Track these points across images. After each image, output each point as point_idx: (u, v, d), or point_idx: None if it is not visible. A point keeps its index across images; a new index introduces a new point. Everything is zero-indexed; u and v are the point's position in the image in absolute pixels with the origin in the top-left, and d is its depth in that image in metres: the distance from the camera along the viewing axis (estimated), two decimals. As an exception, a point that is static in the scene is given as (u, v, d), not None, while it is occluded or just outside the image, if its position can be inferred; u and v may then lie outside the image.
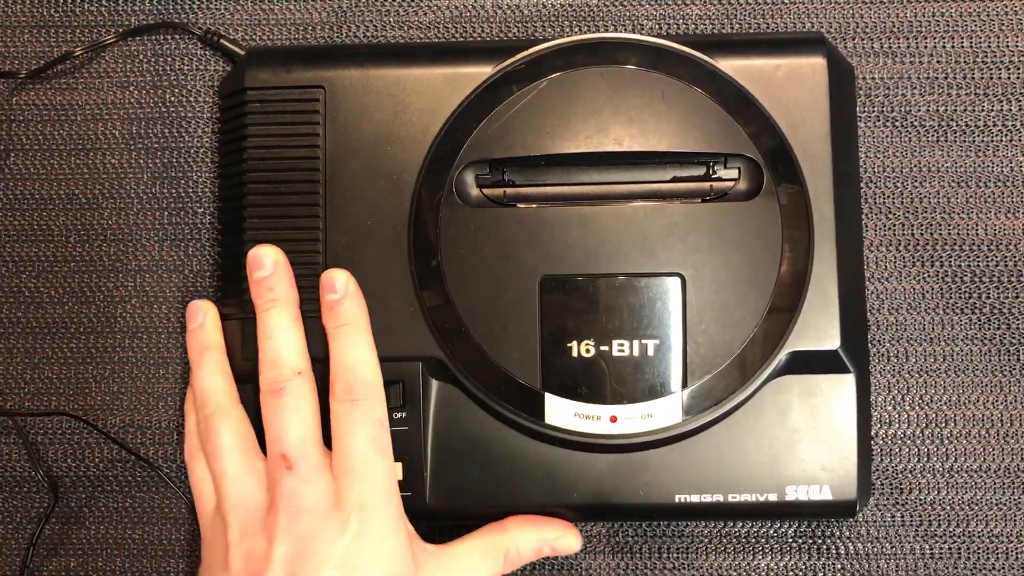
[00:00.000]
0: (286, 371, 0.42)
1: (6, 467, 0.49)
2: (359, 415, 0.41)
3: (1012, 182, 0.49)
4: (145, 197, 0.50)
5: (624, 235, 0.43)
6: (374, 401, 0.42)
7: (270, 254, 0.44)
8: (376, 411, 0.42)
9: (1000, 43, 0.49)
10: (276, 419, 0.42)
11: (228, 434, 0.43)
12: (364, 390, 0.42)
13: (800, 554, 0.48)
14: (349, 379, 0.42)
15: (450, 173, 0.44)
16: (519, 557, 0.43)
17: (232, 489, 0.42)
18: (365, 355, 0.43)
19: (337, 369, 0.42)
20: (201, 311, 0.45)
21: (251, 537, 0.41)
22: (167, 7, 0.51)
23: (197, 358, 0.45)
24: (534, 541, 0.43)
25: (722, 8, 0.50)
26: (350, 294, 0.43)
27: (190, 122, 0.50)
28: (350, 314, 0.43)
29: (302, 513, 0.40)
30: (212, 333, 0.45)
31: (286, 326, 0.43)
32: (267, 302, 0.43)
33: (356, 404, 0.42)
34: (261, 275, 0.44)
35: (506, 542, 0.43)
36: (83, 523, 0.49)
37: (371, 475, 0.41)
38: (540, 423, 0.43)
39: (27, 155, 0.50)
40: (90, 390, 0.49)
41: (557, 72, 0.44)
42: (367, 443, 0.41)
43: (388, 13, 0.50)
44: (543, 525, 0.44)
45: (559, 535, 0.44)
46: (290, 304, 0.44)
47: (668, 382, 0.43)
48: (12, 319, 0.50)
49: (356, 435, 0.41)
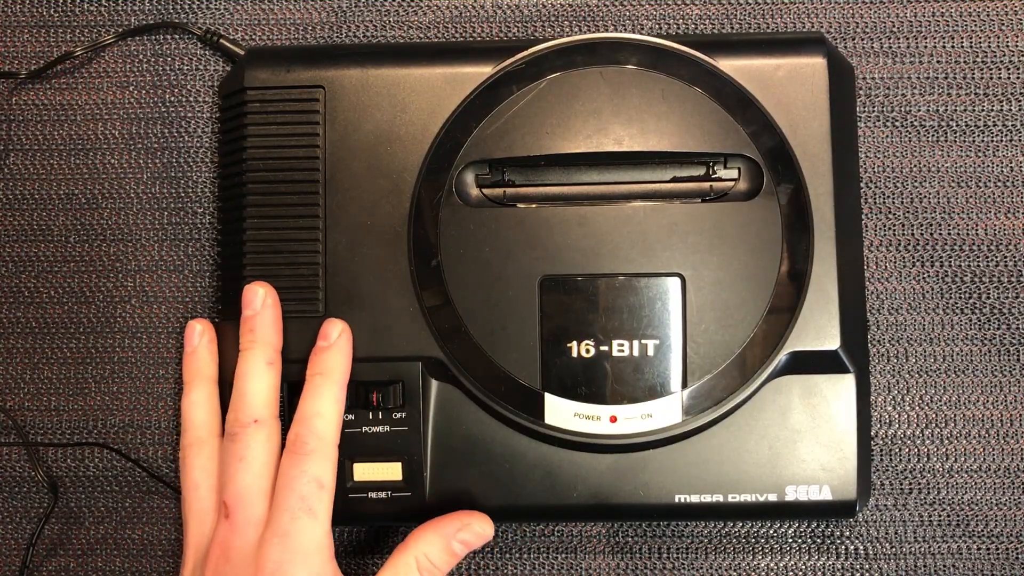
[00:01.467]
0: (244, 417, 0.42)
1: (6, 467, 0.49)
2: (298, 470, 0.41)
3: (1012, 182, 0.49)
4: (145, 197, 0.50)
5: (624, 235, 0.43)
6: (317, 458, 0.41)
7: (260, 294, 0.44)
8: (315, 470, 0.41)
9: (1000, 43, 0.49)
10: (227, 465, 0.42)
11: (200, 471, 0.43)
12: (312, 444, 0.41)
13: (800, 554, 0.48)
14: (301, 430, 0.42)
15: (450, 173, 0.44)
16: (432, 565, 0.42)
17: (194, 528, 0.43)
18: (326, 408, 0.42)
19: (296, 417, 0.42)
20: (196, 335, 0.46)
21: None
22: (167, 7, 0.51)
23: (188, 383, 0.45)
24: (438, 543, 0.42)
25: (722, 8, 0.50)
26: (338, 346, 0.43)
27: (190, 122, 0.50)
28: (329, 364, 0.43)
29: (227, 563, 0.41)
30: (204, 362, 0.45)
31: (258, 370, 0.43)
32: (247, 342, 0.44)
33: (297, 458, 0.41)
34: (247, 314, 0.44)
35: (413, 554, 0.42)
36: (83, 523, 0.49)
37: (292, 534, 0.40)
38: (540, 423, 0.43)
39: (27, 155, 0.50)
40: (90, 390, 0.49)
41: (557, 72, 0.44)
42: (297, 501, 0.41)
43: (388, 13, 0.50)
44: (442, 524, 0.43)
45: (459, 527, 0.42)
46: (267, 348, 0.43)
47: (668, 382, 0.43)
48: (12, 319, 0.50)
49: (290, 490, 0.41)
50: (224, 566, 0.41)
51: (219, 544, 0.41)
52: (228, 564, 0.41)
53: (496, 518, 0.47)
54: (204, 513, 0.43)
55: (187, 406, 0.45)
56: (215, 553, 0.41)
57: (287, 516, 0.40)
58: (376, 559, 0.48)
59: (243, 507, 0.41)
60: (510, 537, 0.48)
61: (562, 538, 0.48)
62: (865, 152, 0.49)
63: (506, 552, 0.48)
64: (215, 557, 0.41)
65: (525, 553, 0.48)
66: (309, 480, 0.41)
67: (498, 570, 0.48)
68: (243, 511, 0.41)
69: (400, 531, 0.48)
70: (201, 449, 0.44)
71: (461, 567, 0.48)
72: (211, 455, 0.44)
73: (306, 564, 0.40)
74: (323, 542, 0.41)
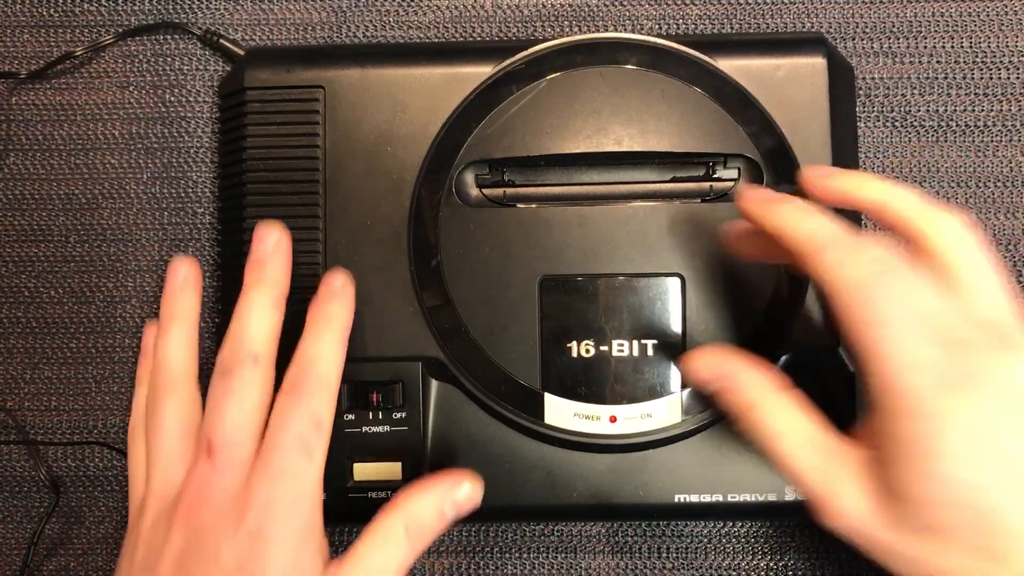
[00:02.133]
0: (243, 353, 0.39)
1: (6, 467, 0.49)
2: (296, 410, 0.38)
3: (1012, 182, 0.49)
4: (145, 197, 0.50)
5: (624, 235, 0.43)
6: (317, 398, 0.38)
7: (275, 235, 0.41)
8: (315, 409, 0.38)
9: (1000, 43, 0.49)
10: (215, 401, 0.38)
11: (172, 412, 0.40)
12: (311, 385, 0.38)
13: (800, 554, 0.48)
14: (299, 371, 0.39)
15: (450, 173, 0.44)
16: (422, 529, 0.38)
17: (159, 474, 0.39)
18: (327, 350, 0.39)
19: (294, 360, 0.39)
20: (182, 271, 0.43)
21: (159, 526, 0.38)
22: (167, 7, 0.51)
23: (166, 323, 0.42)
24: (429, 506, 0.39)
25: (722, 8, 0.50)
26: (341, 295, 0.41)
27: (190, 122, 0.50)
28: (332, 311, 0.40)
29: (205, 504, 0.37)
30: (189, 301, 0.42)
31: (262, 309, 0.40)
32: (254, 280, 0.41)
33: (296, 398, 0.38)
34: (258, 252, 0.41)
35: (401, 519, 0.38)
36: (83, 523, 0.49)
37: (286, 475, 0.37)
38: (540, 423, 0.43)
39: (27, 155, 0.50)
40: (90, 390, 0.49)
41: (557, 72, 0.44)
42: (293, 439, 0.37)
43: (388, 13, 0.50)
44: (432, 485, 0.39)
45: (450, 487, 0.39)
46: (275, 288, 0.41)
47: (668, 382, 0.43)
48: (12, 319, 0.50)
49: (285, 429, 0.37)
50: (201, 509, 0.37)
51: (196, 485, 0.37)
52: (206, 508, 0.37)
53: (496, 518, 0.47)
54: (172, 459, 0.39)
55: (164, 346, 0.41)
56: (190, 495, 0.37)
57: (279, 455, 0.37)
58: (376, 559, 0.48)
59: (230, 446, 0.37)
60: (510, 537, 0.48)
61: (562, 538, 0.48)
62: (865, 152, 0.49)
63: (506, 552, 0.48)
64: (189, 500, 0.37)
65: (525, 553, 0.48)
66: (308, 420, 0.38)
67: (498, 570, 0.48)
68: (229, 450, 0.37)
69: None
70: (176, 392, 0.40)
71: (461, 567, 0.48)
72: (186, 399, 0.40)
73: (296, 507, 0.37)
74: (316, 487, 0.37)
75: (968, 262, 0.34)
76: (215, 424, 0.38)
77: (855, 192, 0.37)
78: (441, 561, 0.48)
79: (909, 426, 0.32)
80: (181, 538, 0.37)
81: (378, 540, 0.38)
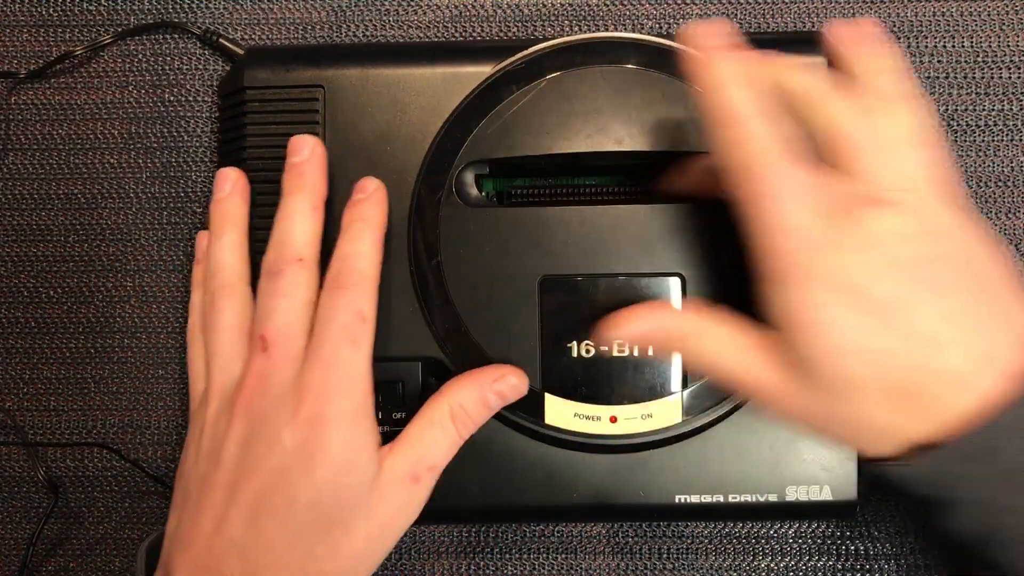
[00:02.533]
0: (288, 254, 0.41)
1: (5, 467, 0.49)
2: (340, 303, 0.40)
3: (1012, 182, 0.49)
4: (144, 197, 0.50)
5: (624, 235, 0.43)
6: (359, 292, 0.40)
7: (310, 142, 0.43)
8: (358, 302, 0.40)
9: (1000, 43, 0.49)
10: (265, 300, 0.41)
11: (229, 312, 0.42)
12: (352, 279, 0.40)
13: (800, 554, 0.48)
14: (341, 268, 0.41)
15: (450, 173, 0.44)
16: (467, 416, 0.41)
17: (219, 368, 0.41)
18: (366, 248, 0.41)
19: (334, 259, 0.41)
20: (229, 180, 0.44)
21: (222, 416, 0.40)
22: (166, 7, 0.51)
23: (217, 229, 0.44)
24: (473, 393, 0.41)
25: (722, 8, 0.50)
26: (375, 197, 0.43)
27: (189, 122, 0.50)
28: (367, 212, 0.42)
29: (264, 395, 0.39)
30: (237, 208, 0.44)
31: (302, 213, 0.42)
32: (293, 187, 0.43)
33: (339, 292, 0.40)
34: (295, 160, 0.43)
35: (447, 404, 0.41)
36: (82, 523, 0.49)
37: (336, 363, 0.39)
38: (540, 423, 0.43)
39: (26, 155, 0.50)
40: (89, 390, 0.49)
41: (557, 72, 0.44)
42: (340, 330, 0.39)
43: (388, 13, 0.50)
44: (478, 374, 0.42)
45: (495, 377, 0.42)
46: (314, 194, 0.43)
47: (668, 382, 0.43)
48: (12, 319, 0.50)
49: (332, 322, 0.40)
50: (260, 400, 0.39)
51: (254, 378, 0.40)
52: (265, 398, 0.39)
53: (496, 518, 0.47)
54: (231, 356, 0.41)
55: (218, 251, 0.43)
56: (249, 387, 0.40)
57: (329, 346, 0.39)
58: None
59: (284, 341, 0.40)
60: (510, 537, 0.48)
61: (562, 538, 0.48)
62: (865, 152, 0.49)
63: (506, 552, 0.48)
64: (249, 391, 0.40)
65: (525, 553, 0.48)
66: (352, 311, 0.40)
67: (498, 570, 0.48)
68: (283, 345, 0.40)
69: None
70: (231, 294, 0.42)
71: (461, 568, 0.48)
72: (241, 301, 0.42)
73: (349, 392, 0.39)
74: (366, 373, 0.40)
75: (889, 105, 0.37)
76: (267, 322, 0.40)
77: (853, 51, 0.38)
78: (441, 561, 0.48)
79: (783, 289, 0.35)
80: (243, 425, 0.39)
81: (425, 423, 0.41)
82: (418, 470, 0.40)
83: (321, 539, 0.38)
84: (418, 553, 0.48)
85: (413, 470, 0.40)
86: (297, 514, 0.38)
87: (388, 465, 0.40)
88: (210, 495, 0.39)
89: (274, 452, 0.38)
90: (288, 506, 0.38)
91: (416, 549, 0.48)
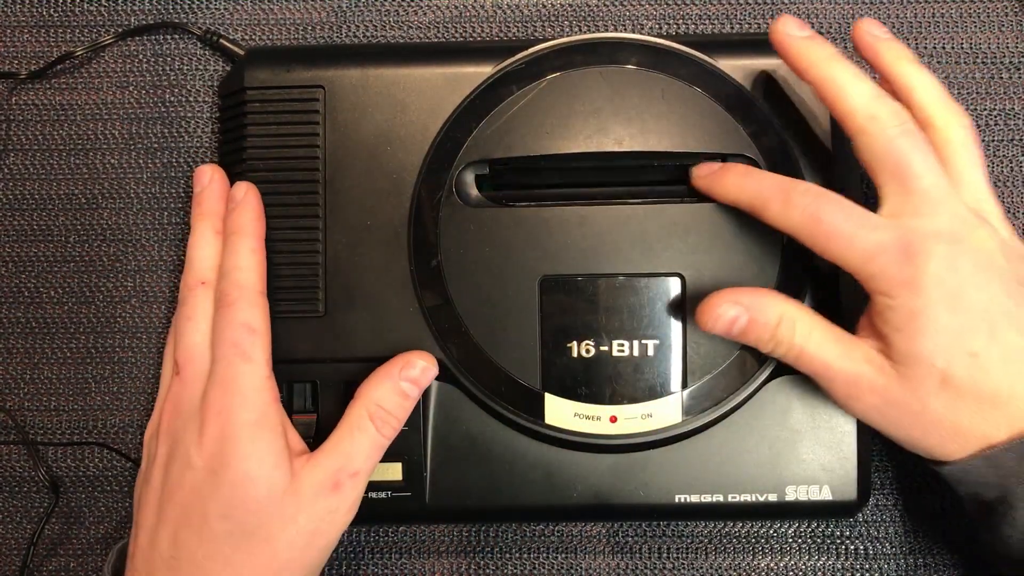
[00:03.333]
0: (192, 280, 0.43)
1: (6, 467, 0.49)
2: (226, 320, 0.41)
3: (1012, 182, 0.49)
4: (145, 197, 0.50)
5: (624, 235, 0.43)
6: (242, 306, 0.42)
7: (208, 171, 0.45)
8: (243, 315, 0.41)
9: (1000, 43, 0.49)
10: (177, 326, 0.43)
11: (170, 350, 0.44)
12: (234, 295, 0.42)
13: (800, 554, 0.48)
14: (223, 285, 0.43)
15: (450, 173, 0.44)
16: (387, 412, 0.42)
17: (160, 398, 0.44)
18: (243, 260, 0.43)
19: (219, 277, 0.43)
20: (206, 175, 0.45)
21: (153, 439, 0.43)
22: (167, 7, 0.51)
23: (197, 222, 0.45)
24: (386, 387, 0.42)
25: (722, 8, 0.50)
26: (246, 204, 0.44)
27: (190, 122, 0.50)
28: (240, 222, 0.44)
29: (177, 416, 0.42)
30: (216, 202, 0.45)
31: (205, 238, 0.44)
32: (197, 216, 0.45)
33: (225, 310, 0.42)
34: (197, 190, 0.45)
35: (365, 408, 0.42)
36: (83, 523, 0.49)
37: (230, 380, 0.41)
38: (540, 423, 0.43)
39: (27, 155, 0.50)
40: (90, 390, 0.49)
41: (557, 72, 0.44)
42: (230, 347, 0.41)
43: (388, 13, 0.50)
44: (384, 369, 0.43)
45: (402, 366, 0.42)
46: (215, 219, 0.44)
47: (668, 382, 0.43)
48: (12, 319, 0.50)
49: (222, 341, 0.41)
50: (175, 420, 0.42)
51: (171, 401, 0.42)
52: (179, 418, 0.42)
53: (496, 518, 0.47)
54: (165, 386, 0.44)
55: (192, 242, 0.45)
56: (168, 409, 0.42)
57: (223, 364, 0.41)
58: (376, 559, 0.48)
59: (191, 362, 0.42)
60: (510, 537, 0.48)
61: (562, 538, 0.48)
62: (865, 152, 0.49)
63: (506, 552, 0.48)
64: (168, 412, 0.42)
65: (525, 553, 0.48)
66: (238, 327, 0.41)
67: (498, 570, 0.48)
68: (191, 366, 0.42)
69: (400, 532, 0.48)
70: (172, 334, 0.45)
71: (461, 567, 0.48)
72: None
73: (247, 405, 0.40)
74: (262, 384, 0.41)
75: (967, 158, 0.40)
76: (179, 346, 0.43)
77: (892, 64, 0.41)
78: (441, 561, 0.48)
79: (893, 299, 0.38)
80: (165, 447, 0.42)
81: (345, 430, 0.42)
82: (339, 478, 0.41)
83: (237, 548, 0.39)
84: (418, 553, 0.48)
85: (333, 478, 0.41)
86: (212, 526, 0.39)
87: (305, 475, 0.40)
88: (143, 514, 0.42)
89: (187, 471, 0.40)
90: (202, 520, 0.40)
91: (416, 549, 0.48)
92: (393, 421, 0.42)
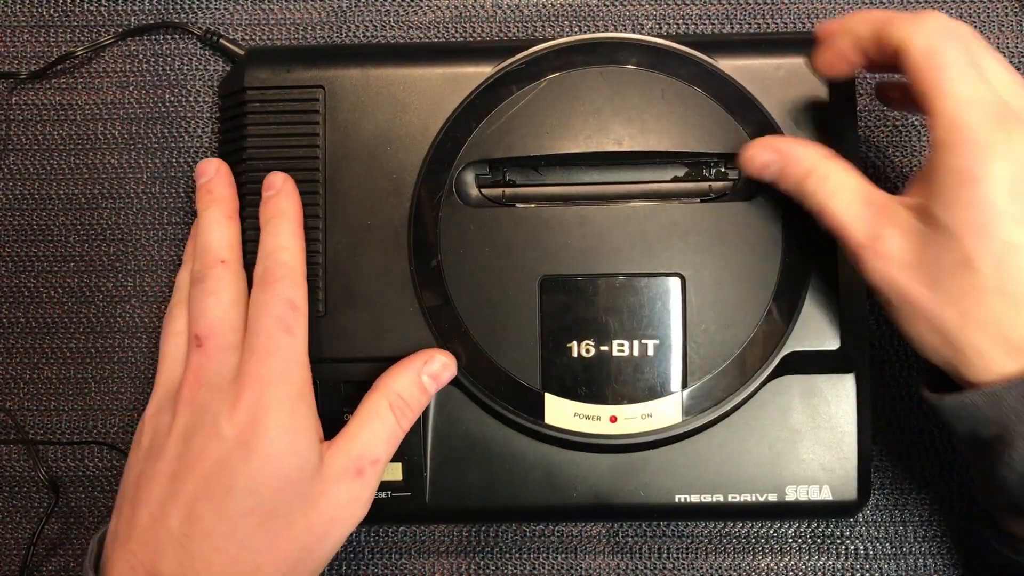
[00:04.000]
0: (210, 259, 0.43)
1: (6, 467, 0.49)
2: (269, 295, 0.41)
3: (1012, 182, 0.49)
4: (145, 197, 0.50)
5: (624, 235, 0.43)
6: (288, 283, 0.41)
7: (214, 163, 0.45)
8: (288, 292, 0.41)
9: (1000, 43, 0.49)
10: (194, 304, 0.42)
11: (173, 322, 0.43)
12: (279, 272, 0.42)
13: (800, 554, 0.48)
14: (267, 264, 0.42)
15: (450, 173, 0.44)
16: (405, 404, 0.42)
17: (163, 373, 0.43)
18: (286, 242, 0.43)
19: (259, 257, 0.43)
20: (212, 166, 0.45)
21: (164, 413, 0.41)
22: (167, 7, 0.51)
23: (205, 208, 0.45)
24: (407, 379, 0.42)
25: (722, 8, 0.50)
26: (284, 191, 0.44)
27: (190, 122, 0.50)
28: (280, 207, 0.44)
29: (202, 387, 0.40)
30: (224, 188, 0.45)
31: (218, 222, 0.44)
32: (206, 202, 0.44)
33: (269, 286, 0.41)
34: (203, 180, 0.45)
35: (385, 397, 0.42)
36: (83, 523, 0.49)
37: (272, 351, 0.40)
38: (540, 423, 0.43)
39: (27, 155, 0.50)
40: (90, 390, 0.49)
41: (557, 72, 0.44)
42: (273, 321, 0.40)
43: (388, 13, 0.50)
44: (407, 361, 0.43)
45: (425, 360, 0.43)
46: (225, 203, 0.44)
47: (668, 382, 0.43)
48: (12, 319, 0.50)
49: (264, 315, 0.41)
50: (199, 392, 0.40)
51: (193, 372, 0.41)
52: (205, 387, 0.40)
53: (496, 518, 0.47)
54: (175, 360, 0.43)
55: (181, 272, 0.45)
56: (188, 381, 0.41)
57: (264, 336, 0.40)
58: (376, 559, 0.48)
59: (216, 335, 0.41)
60: (510, 537, 0.48)
61: (562, 538, 0.48)
62: (865, 152, 0.49)
63: (506, 552, 0.48)
64: (188, 385, 0.40)
65: (525, 553, 0.48)
66: (283, 302, 0.41)
67: (498, 570, 0.48)
68: (216, 338, 0.41)
69: (400, 532, 0.48)
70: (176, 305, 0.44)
71: (461, 567, 0.48)
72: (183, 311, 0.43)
73: (287, 379, 0.40)
74: (303, 361, 0.41)
75: None
76: (199, 321, 0.42)
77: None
78: (441, 561, 0.48)
79: (962, 154, 0.35)
80: (184, 418, 0.40)
81: (365, 418, 0.41)
82: (361, 464, 0.40)
83: (258, 529, 0.38)
84: (418, 553, 0.48)
85: (356, 464, 0.40)
86: (235, 502, 0.38)
87: (330, 459, 0.40)
88: (148, 489, 0.39)
89: (214, 442, 0.39)
90: (226, 494, 0.38)
91: (416, 549, 0.48)
92: (410, 413, 0.42)
